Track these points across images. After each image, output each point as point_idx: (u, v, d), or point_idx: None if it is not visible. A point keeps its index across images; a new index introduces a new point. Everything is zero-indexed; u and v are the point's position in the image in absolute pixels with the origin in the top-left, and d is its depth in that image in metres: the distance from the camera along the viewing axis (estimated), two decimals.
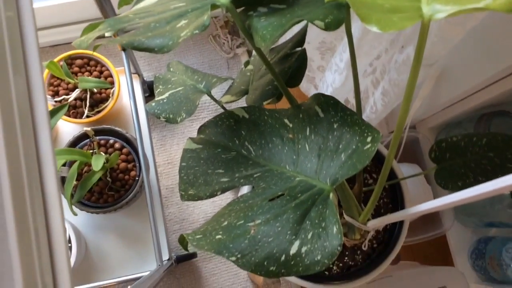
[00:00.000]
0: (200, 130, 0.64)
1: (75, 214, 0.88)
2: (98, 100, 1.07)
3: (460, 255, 1.20)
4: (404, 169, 1.36)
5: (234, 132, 0.61)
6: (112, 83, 1.08)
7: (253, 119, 0.61)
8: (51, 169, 0.42)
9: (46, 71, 1.01)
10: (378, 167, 0.88)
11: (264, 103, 0.74)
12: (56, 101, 1.06)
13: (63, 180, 0.99)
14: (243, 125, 0.61)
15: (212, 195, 0.55)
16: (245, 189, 0.74)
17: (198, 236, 0.46)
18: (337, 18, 0.51)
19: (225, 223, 0.48)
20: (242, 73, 0.86)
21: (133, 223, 1.18)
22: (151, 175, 1.15)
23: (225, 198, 1.46)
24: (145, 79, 1.34)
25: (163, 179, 1.52)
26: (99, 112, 1.06)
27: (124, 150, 1.04)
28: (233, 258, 0.45)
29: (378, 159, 0.87)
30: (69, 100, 1.02)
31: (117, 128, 1.04)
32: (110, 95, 1.07)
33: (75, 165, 0.90)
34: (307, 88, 1.43)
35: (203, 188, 0.56)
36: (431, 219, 1.33)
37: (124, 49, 1.04)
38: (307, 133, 0.56)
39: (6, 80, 0.43)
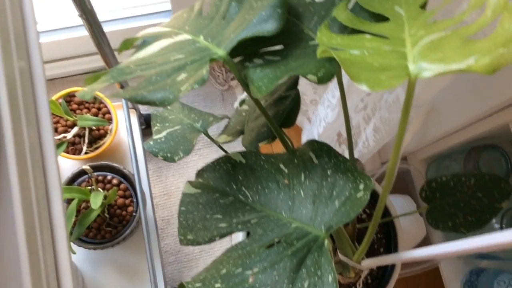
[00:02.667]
0: (199, 174, 0.66)
1: (74, 253, 0.89)
2: (96, 137, 1.09)
3: (453, 286, 1.21)
4: (396, 201, 1.38)
5: (232, 177, 0.63)
6: (110, 119, 1.10)
7: (250, 164, 0.63)
8: (61, 224, 0.44)
9: None
10: (371, 202, 0.90)
11: (260, 144, 0.76)
12: (55, 139, 1.07)
13: None
14: (240, 170, 0.63)
15: (211, 240, 0.57)
16: (240, 235, 0.76)
17: (197, 285, 0.48)
18: (329, 72, 0.53)
19: (224, 271, 0.50)
20: (238, 112, 0.88)
21: (129, 256, 1.18)
22: (148, 208, 1.16)
23: None
24: (141, 112, 1.36)
25: (159, 211, 1.53)
26: (97, 148, 1.08)
27: (122, 186, 1.06)
28: None
29: (371, 194, 0.89)
30: (68, 138, 1.03)
31: (114, 164, 1.05)
32: (108, 132, 1.09)
33: (74, 203, 0.91)
34: (300, 120, 1.46)
35: (202, 233, 0.58)
36: None
37: (122, 86, 1.07)
38: (302, 179, 0.58)
39: (20, 130, 0.45)
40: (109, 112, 1.11)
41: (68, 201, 1.00)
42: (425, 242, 1.31)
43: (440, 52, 0.46)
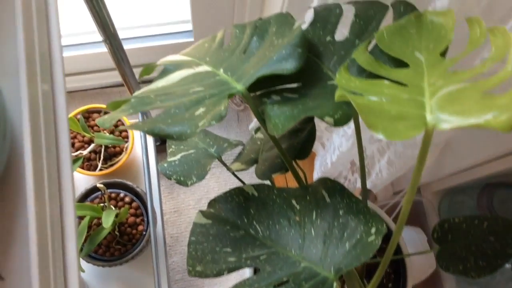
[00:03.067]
0: (211, 204, 0.66)
1: (83, 271, 0.90)
2: (111, 154, 1.10)
3: None
4: (406, 233, 1.37)
5: (243, 210, 0.63)
6: (127, 137, 1.12)
7: (262, 198, 0.63)
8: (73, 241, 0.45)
9: None
10: None
11: (273, 175, 0.77)
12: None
13: None
14: (252, 204, 0.63)
15: (219, 274, 0.57)
16: (247, 270, 0.76)
17: None
18: (346, 114, 0.54)
19: None
20: (253, 140, 0.89)
21: (136, 274, 1.18)
22: (158, 227, 1.17)
23: None
24: None
25: (168, 227, 1.54)
26: (112, 165, 1.09)
27: (134, 204, 1.07)
28: None
29: None
30: (84, 154, 1.05)
31: (128, 182, 1.06)
32: (124, 150, 1.11)
33: (86, 220, 0.92)
34: (315, 145, 1.45)
35: (210, 266, 0.58)
36: (433, 284, 1.33)
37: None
38: (313, 217, 0.59)
39: (40, 154, 0.46)
40: (126, 130, 1.12)
41: (80, 217, 1.01)
42: (435, 276, 1.29)
43: (458, 104, 0.46)
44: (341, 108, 0.54)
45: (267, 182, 0.77)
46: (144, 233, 1.05)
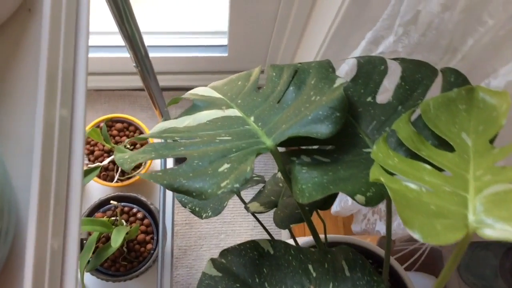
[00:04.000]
0: (223, 254, 0.63)
1: None
2: None
3: None
4: (420, 280, 1.32)
5: (256, 268, 0.60)
6: None
7: (277, 257, 0.60)
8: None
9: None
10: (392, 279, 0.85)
11: (292, 225, 0.73)
12: (90, 160, 1.08)
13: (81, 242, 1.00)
14: (266, 262, 0.60)
15: None
16: None
17: None
18: (380, 194, 0.50)
19: None
20: (275, 180, 0.85)
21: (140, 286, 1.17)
22: (167, 245, 1.14)
23: None
24: None
25: (178, 239, 1.52)
26: (129, 178, 1.07)
27: (145, 221, 1.05)
28: None
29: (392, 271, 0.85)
30: (102, 164, 1.03)
31: (142, 198, 1.04)
32: (143, 164, 1.09)
33: (94, 236, 0.90)
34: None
35: None
36: None
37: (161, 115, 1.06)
38: None
39: (49, 183, 0.43)
40: (147, 144, 1.10)
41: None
42: None
43: (505, 209, 0.42)
44: (374, 185, 0.50)
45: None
46: (153, 252, 1.03)
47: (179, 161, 1.37)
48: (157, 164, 1.23)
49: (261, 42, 1.31)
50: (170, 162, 1.22)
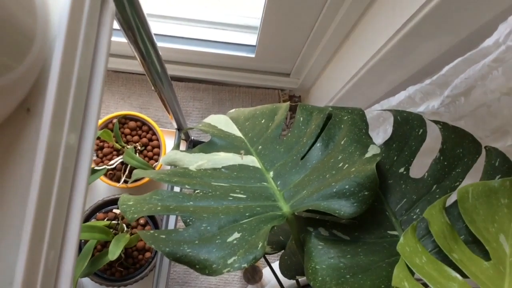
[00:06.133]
0: None
1: None
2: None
3: None
4: None
5: None
6: (158, 154, 1.06)
7: None
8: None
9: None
10: None
11: (298, 277, 0.69)
12: (98, 157, 1.04)
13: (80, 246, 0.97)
14: None
15: None
16: None
17: None
18: None
19: None
20: None
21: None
22: None
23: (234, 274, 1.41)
24: (192, 138, 1.30)
25: None
26: (136, 181, 1.03)
27: (147, 228, 1.01)
28: None
29: None
30: (109, 167, 0.99)
31: None
32: (152, 168, 1.05)
33: (92, 243, 0.87)
34: None
35: None
36: None
37: (179, 129, 1.01)
38: None
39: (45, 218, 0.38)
40: (159, 146, 1.06)
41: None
42: None
43: None
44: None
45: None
46: (151, 260, 1.00)
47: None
48: None
49: (291, 49, 1.25)
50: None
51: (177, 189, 1.08)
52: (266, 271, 1.20)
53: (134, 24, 0.54)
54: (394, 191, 0.54)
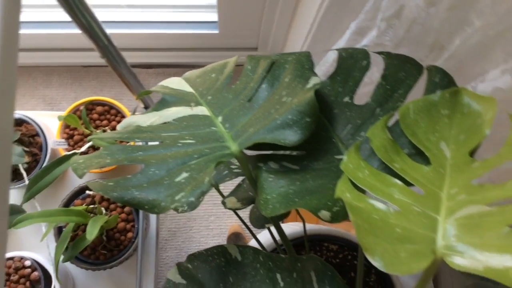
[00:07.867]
0: (190, 258, 0.60)
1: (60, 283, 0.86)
2: None
3: None
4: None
5: (222, 276, 0.57)
6: None
7: (245, 264, 0.57)
8: None
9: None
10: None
11: (267, 225, 0.70)
12: (69, 145, 1.04)
13: (60, 230, 0.98)
14: (232, 270, 0.57)
15: None
16: None
17: None
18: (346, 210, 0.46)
19: None
20: None
21: (124, 273, 1.15)
22: (151, 231, 1.12)
23: None
24: None
25: (167, 221, 1.50)
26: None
27: (126, 209, 1.02)
28: None
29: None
30: (80, 151, 1.00)
31: None
32: None
33: (70, 227, 0.88)
34: None
35: None
36: None
37: (146, 107, 1.02)
38: None
39: None
40: None
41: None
42: None
43: (477, 235, 0.38)
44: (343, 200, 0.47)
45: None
46: (134, 240, 1.01)
47: None
48: None
49: (252, 19, 1.26)
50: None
51: None
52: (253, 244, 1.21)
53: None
54: (339, 119, 0.55)
